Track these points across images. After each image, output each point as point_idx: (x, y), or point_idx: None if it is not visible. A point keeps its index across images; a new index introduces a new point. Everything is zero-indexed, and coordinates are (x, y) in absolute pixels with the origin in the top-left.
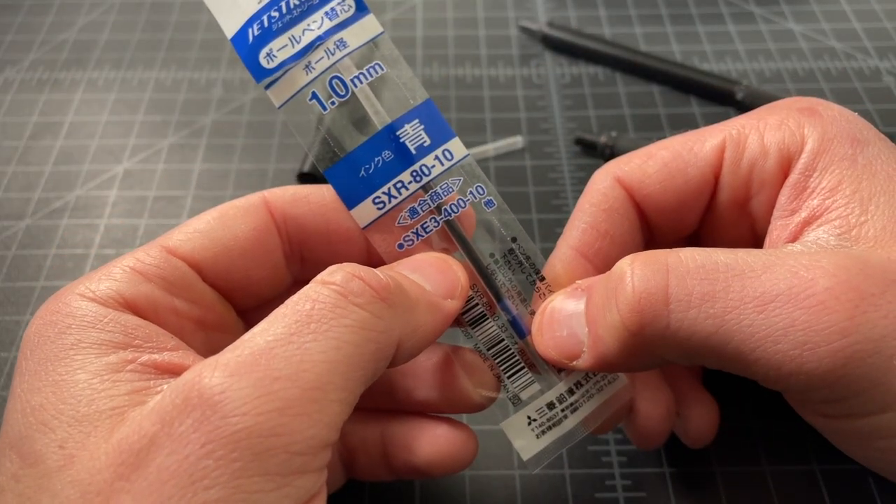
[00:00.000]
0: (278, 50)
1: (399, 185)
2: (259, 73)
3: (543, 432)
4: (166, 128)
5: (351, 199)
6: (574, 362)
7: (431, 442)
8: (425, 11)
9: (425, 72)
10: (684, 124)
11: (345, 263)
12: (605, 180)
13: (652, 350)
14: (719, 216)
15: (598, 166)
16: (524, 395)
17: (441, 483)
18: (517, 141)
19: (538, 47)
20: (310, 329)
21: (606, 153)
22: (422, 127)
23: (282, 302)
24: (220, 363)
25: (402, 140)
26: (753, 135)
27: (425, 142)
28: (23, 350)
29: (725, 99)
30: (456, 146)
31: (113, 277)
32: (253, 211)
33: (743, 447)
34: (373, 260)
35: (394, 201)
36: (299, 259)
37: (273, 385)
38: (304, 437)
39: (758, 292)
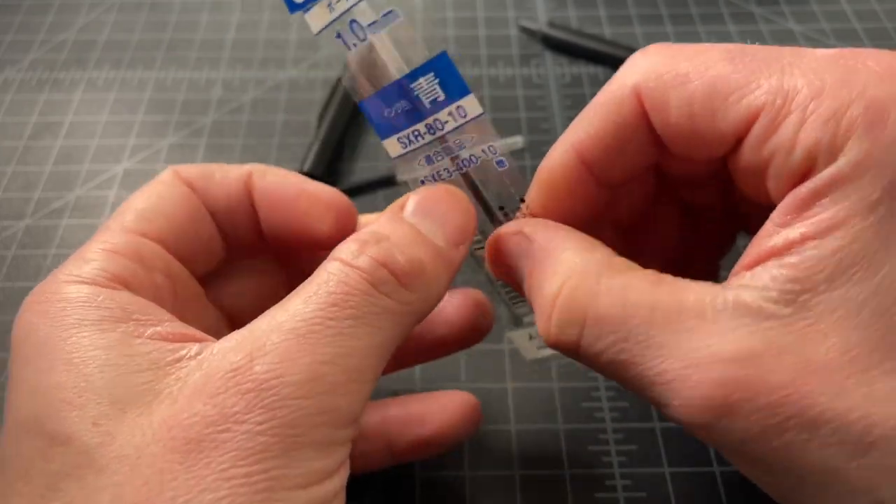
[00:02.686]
0: None
1: (416, 133)
2: (291, 5)
3: (542, 347)
4: (166, 128)
5: (381, 132)
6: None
7: (441, 410)
8: (425, 11)
9: None
10: None
11: (365, 242)
12: (622, 90)
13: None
14: (740, 169)
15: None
16: (526, 319)
17: (441, 483)
18: (517, 141)
19: (538, 47)
20: (346, 314)
21: None
22: (436, 81)
23: (259, 283)
24: (267, 348)
25: (416, 93)
26: (794, 118)
27: (439, 96)
28: (15, 341)
29: None
30: (470, 103)
31: (92, 259)
32: (172, 184)
33: None
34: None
35: (412, 145)
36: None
37: (321, 369)
38: (346, 412)
39: (650, 370)
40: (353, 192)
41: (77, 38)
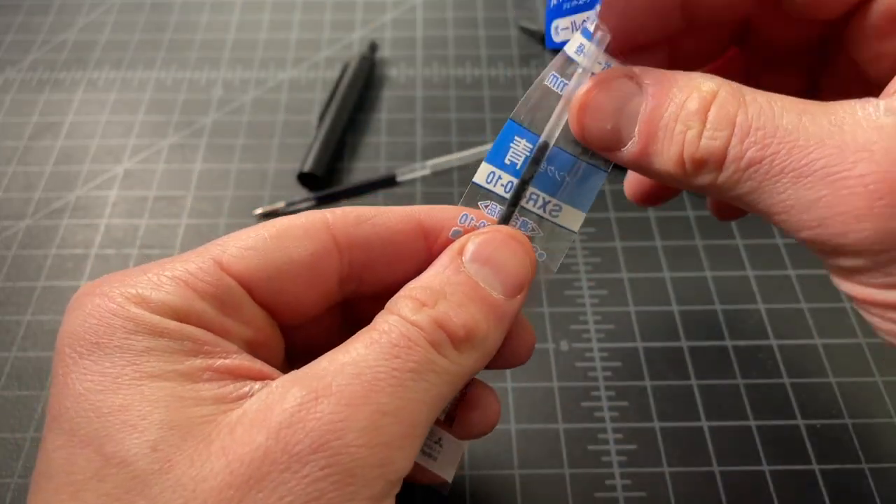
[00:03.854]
0: (562, 29)
1: (505, 183)
2: (550, 42)
3: None
4: (166, 128)
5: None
6: (614, 153)
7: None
8: (425, 11)
9: (425, 72)
10: None
11: (422, 302)
12: None
13: (693, 186)
14: (866, 26)
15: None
16: None
17: None
18: None
19: (538, 47)
20: (408, 367)
21: None
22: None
23: (325, 318)
24: (333, 390)
25: (542, 163)
26: None
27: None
28: (74, 346)
29: None
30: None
31: (165, 290)
32: (314, 234)
33: (743, 447)
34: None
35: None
36: (357, 280)
37: (383, 420)
38: (399, 467)
39: (800, 164)
40: (352, 192)
41: (77, 39)
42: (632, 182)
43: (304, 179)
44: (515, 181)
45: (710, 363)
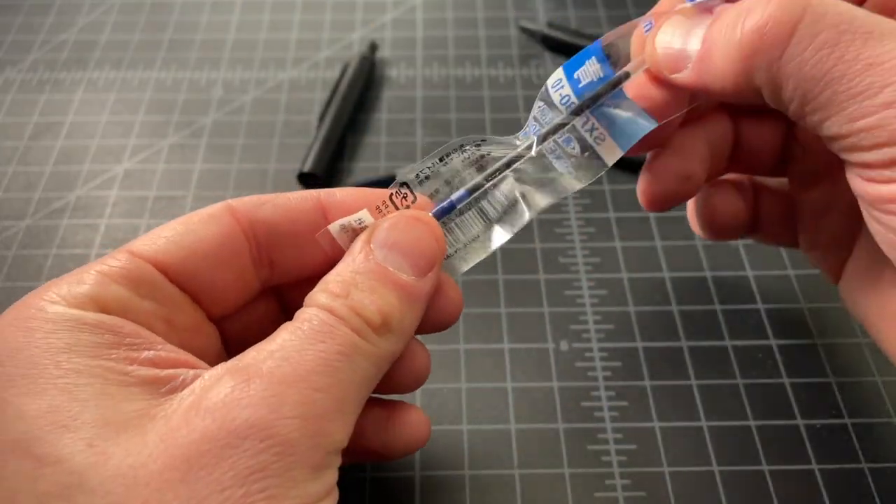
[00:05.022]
0: None
1: (564, 95)
2: None
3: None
4: (166, 128)
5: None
6: (675, 75)
7: (387, 427)
8: (425, 11)
9: (425, 72)
10: None
11: (336, 295)
12: None
13: (750, 77)
14: None
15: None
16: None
17: (441, 483)
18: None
19: (538, 47)
20: (335, 350)
21: None
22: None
23: (253, 308)
24: (263, 373)
25: (607, 95)
26: None
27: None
28: None
29: None
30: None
31: (82, 282)
32: (217, 216)
33: (743, 447)
34: (337, 257)
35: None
36: (268, 263)
37: (314, 395)
38: (335, 439)
39: (874, 54)
40: None
41: (78, 39)
42: (646, 186)
43: (305, 179)
44: (574, 99)
45: (710, 363)
